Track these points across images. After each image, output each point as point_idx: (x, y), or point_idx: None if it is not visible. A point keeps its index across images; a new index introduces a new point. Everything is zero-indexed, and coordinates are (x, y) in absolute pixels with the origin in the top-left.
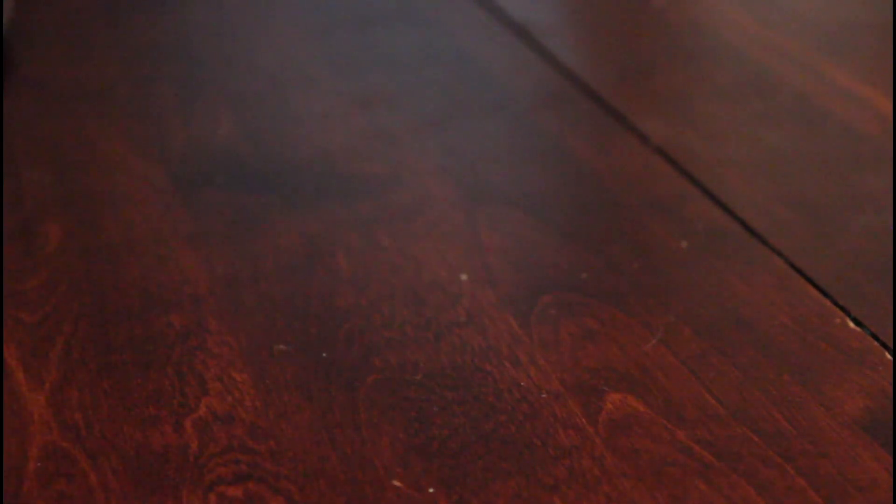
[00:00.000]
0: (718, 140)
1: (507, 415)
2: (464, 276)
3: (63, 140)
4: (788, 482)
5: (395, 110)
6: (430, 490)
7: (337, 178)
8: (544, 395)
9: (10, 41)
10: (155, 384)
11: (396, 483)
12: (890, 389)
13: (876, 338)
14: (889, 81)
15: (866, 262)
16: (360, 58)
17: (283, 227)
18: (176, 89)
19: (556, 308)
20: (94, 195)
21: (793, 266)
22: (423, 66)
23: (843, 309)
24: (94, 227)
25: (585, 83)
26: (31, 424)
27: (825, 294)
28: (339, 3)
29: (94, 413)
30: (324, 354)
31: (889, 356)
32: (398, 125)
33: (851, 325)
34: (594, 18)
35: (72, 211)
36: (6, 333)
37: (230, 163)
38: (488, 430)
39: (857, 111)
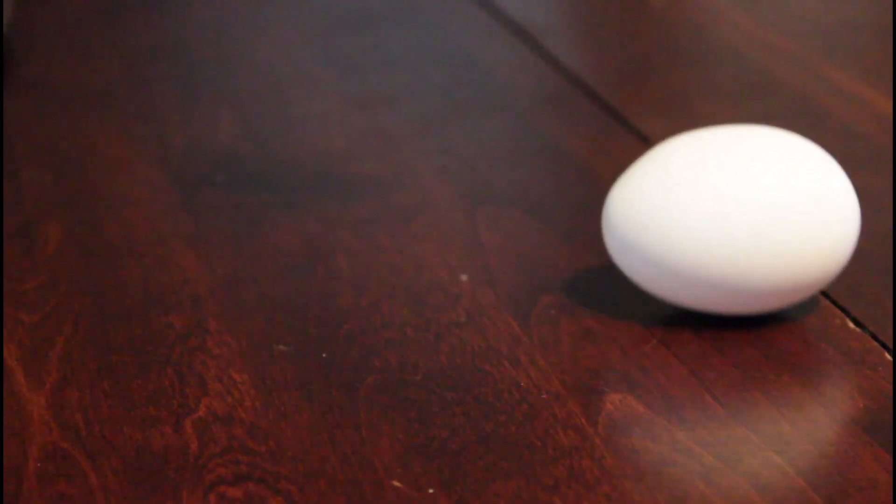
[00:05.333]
0: None
1: (507, 415)
2: (464, 277)
3: (63, 140)
4: (788, 483)
5: (395, 110)
6: (430, 490)
7: (337, 178)
8: (544, 396)
9: (9, 41)
10: (155, 385)
11: (396, 483)
12: (890, 390)
13: (875, 338)
14: (889, 81)
15: (866, 262)
16: (360, 58)
17: (283, 227)
18: (176, 90)
19: (556, 308)
20: (94, 195)
21: None
22: (423, 67)
23: (842, 309)
24: (94, 227)
25: (585, 83)
26: (30, 425)
27: (825, 294)
28: (339, 3)
29: (95, 413)
30: (324, 355)
31: (889, 356)
32: (398, 125)
33: (851, 325)
34: (594, 18)
35: (72, 211)
36: (6, 334)
37: (230, 163)
38: (488, 431)
39: (857, 111)
